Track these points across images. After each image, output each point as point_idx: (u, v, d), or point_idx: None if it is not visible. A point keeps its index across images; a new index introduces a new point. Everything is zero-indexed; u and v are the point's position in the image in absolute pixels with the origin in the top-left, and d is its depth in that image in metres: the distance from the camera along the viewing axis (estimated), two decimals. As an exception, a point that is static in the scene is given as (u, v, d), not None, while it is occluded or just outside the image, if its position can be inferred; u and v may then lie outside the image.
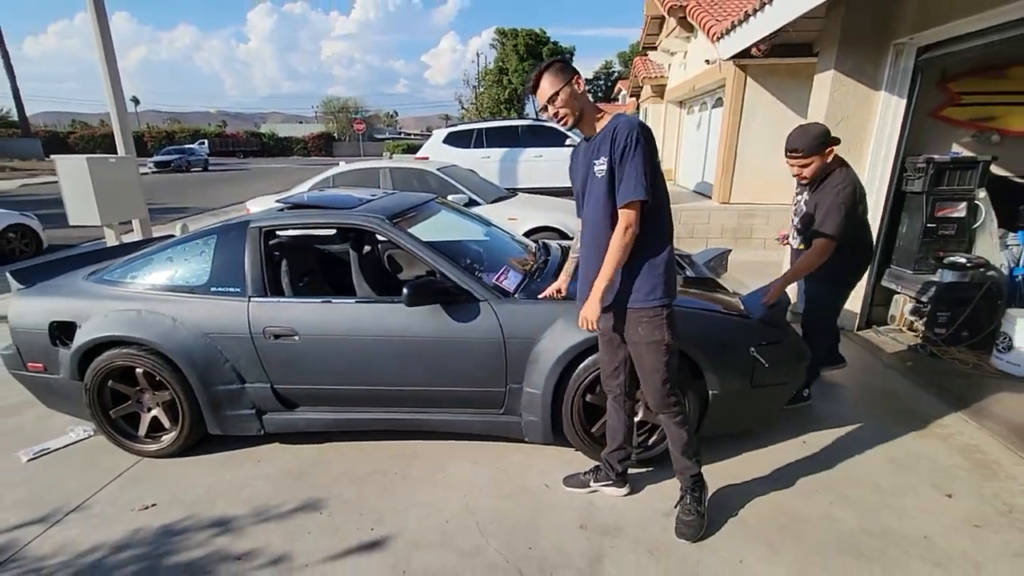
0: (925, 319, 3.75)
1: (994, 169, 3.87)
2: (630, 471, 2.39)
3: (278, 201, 3.00)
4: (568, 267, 2.43)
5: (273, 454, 2.75)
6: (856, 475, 2.43)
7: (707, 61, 7.97)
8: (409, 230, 2.73)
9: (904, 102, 3.67)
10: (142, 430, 2.75)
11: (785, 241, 3.04)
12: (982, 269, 3.65)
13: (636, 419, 2.45)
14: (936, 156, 3.72)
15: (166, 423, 2.73)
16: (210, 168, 28.95)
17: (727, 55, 4.67)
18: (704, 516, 2.10)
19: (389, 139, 45.44)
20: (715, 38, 4.80)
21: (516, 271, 2.78)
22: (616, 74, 37.66)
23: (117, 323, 2.60)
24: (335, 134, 49.47)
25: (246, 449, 2.78)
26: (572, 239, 5.41)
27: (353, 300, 2.58)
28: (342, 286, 3.13)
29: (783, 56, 6.30)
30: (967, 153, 3.95)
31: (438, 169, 5.93)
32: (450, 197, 5.47)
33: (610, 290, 1.88)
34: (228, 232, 2.73)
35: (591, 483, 2.36)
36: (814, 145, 2.51)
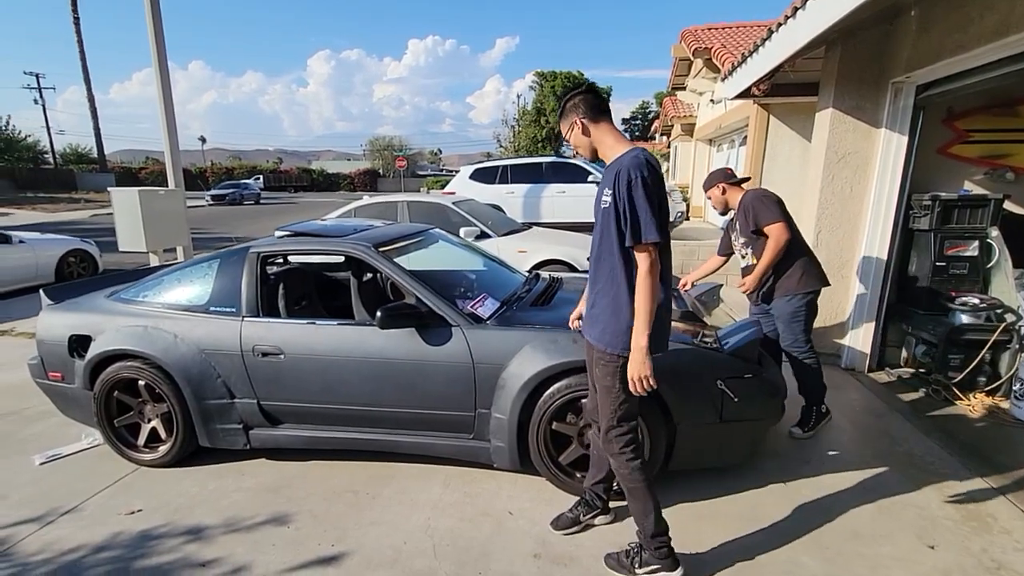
0: (936, 361, 3.57)
1: (1010, 207, 3.72)
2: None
3: (277, 229, 3.22)
4: (586, 293, 2.44)
5: (257, 468, 2.87)
6: (835, 520, 2.32)
7: (712, 101, 8.03)
8: (398, 258, 2.87)
9: (906, 139, 3.61)
10: (141, 440, 2.93)
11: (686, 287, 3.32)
12: (998, 310, 3.48)
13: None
14: (943, 194, 3.62)
15: (163, 434, 2.90)
16: (261, 201, 30.70)
17: (731, 95, 4.74)
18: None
19: (430, 175, 47.04)
20: (721, 79, 4.88)
21: (495, 299, 2.86)
22: (653, 114, 38.08)
23: (125, 337, 2.82)
24: (380, 170, 51.69)
25: (234, 463, 2.91)
26: (580, 272, 5.50)
27: (336, 322, 2.72)
28: (345, 310, 3.29)
29: (804, 94, 6.30)
30: (980, 191, 3.83)
31: (453, 203, 6.16)
32: (462, 230, 5.66)
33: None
34: (229, 256, 2.95)
35: (581, 518, 2.28)
36: (706, 182, 3.18)
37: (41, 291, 3.22)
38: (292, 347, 2.67)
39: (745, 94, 4.56)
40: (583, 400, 2.39)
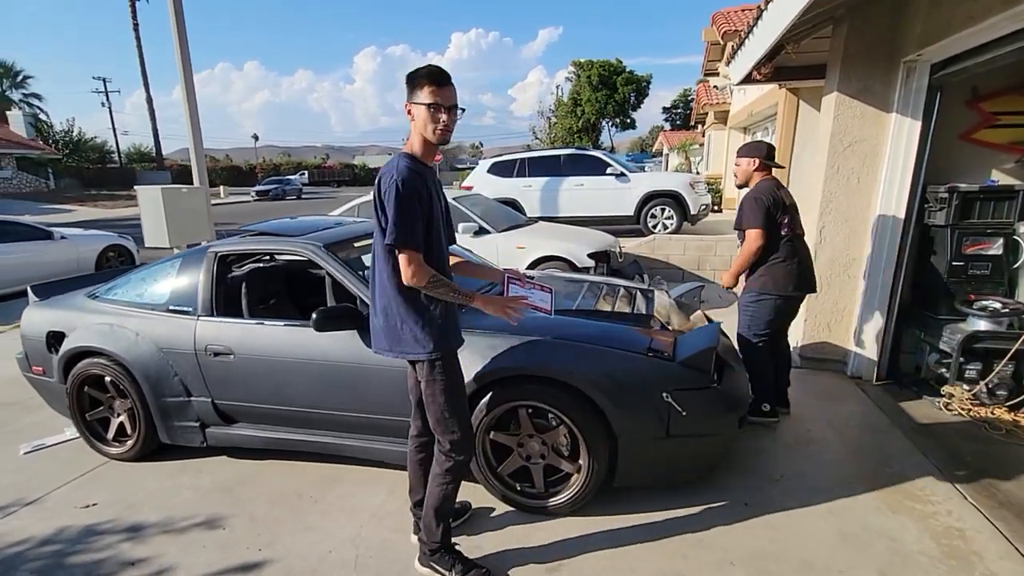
0: (950, 372, 3.21)
1: (1044, 199, 3.29)
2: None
3: (241, 228, 3.23)
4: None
5: (217, 467, 2.90)
6: (790, 548, 2.11)
7: (715, 87, 7.60)
8: (355, 257, 2.83)
9: (919, 124, 3.25)
10: (110, 434, 3.02)
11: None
12: (1023, 316, 3.09)
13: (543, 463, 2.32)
14: (961, 185, 3.24)
15: (128, 429, 2.98)
16: (303, 196, 31.70)
17: (736, 80, 4.41)
18: None
19: (468, 168, 47.37)
20: (725, 63, 4.56)
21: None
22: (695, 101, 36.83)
23: (92, 335, 2.90)
24: (419, 164, 52.31)
25: (196, 460, 2.95)
26: (581, 269, 5.32)
27: (283, 323, 2.69)
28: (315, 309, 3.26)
29: (821, 77, 5.85)
30: (1012, 181, 3.41)
31: (453, 199, 6.07)
32: (460, 226, 5.57)
33: None
34: (190, 256, 2.98)
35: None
36: (744, 149, 3.05)
37: (29, 288, 3.37)
38: (241, 347, 2.67)
39: (749, 79, 4.24)
40: (521, 409, 2.27)
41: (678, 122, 40.29)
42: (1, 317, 6.24)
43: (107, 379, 2.91)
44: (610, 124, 34.84)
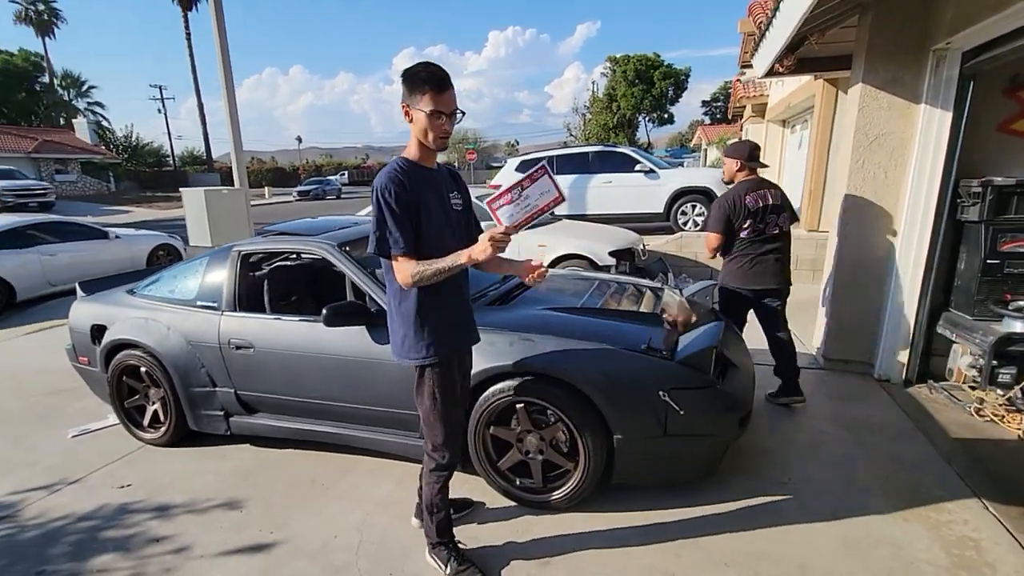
0: (983, 375, 3.05)
1: (1092, 193, 3.07)
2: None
3: (264, 228, 3.39)
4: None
5: (238, 453, 3.07)
6: (788, 551, 2.07)
7: (738, 80, 7.36)
8: (363, 256, 2.93)
9: (950, 115, 3.09)
10: (146, 420, 3.24)
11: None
12: (1065, 318, 2.90)
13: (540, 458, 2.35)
14: (997, 178, 3.07)
15: (161, 416, 3.18)
16: (342, 196, 32.60)
17: (760, 73, 4.29)
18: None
19: (502, 167, 47.57)
20: (750, 56, 4.44)
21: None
22: (737, 94, 35.73)
23: (130, 328, 3.12)
24: (456, 163, 52.99)
25: (220, 447, 3.13)
26: (603, 267, 5.30)
27: (297, 318, 2.82)
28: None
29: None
30: (1056, 174, 3.19)
31: (478, 197, 6.14)
32: (483, 224, 5.62)
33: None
34: (216, 254, 3.15)
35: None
36: (727, 151, 3.20)
37: (77, 284, 3.64)
38: (260, 341, 2.81)
39: (772, 72, 4.12)
40: (519, 405, 2.31)
41: (718, 116, 39.19)
42: (62, 311, 6.72)
43: (142, 369, 3.12)
44: (647, 119, 34.24)
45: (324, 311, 2.48)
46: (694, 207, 8.59)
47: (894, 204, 3.41)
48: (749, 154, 3.07)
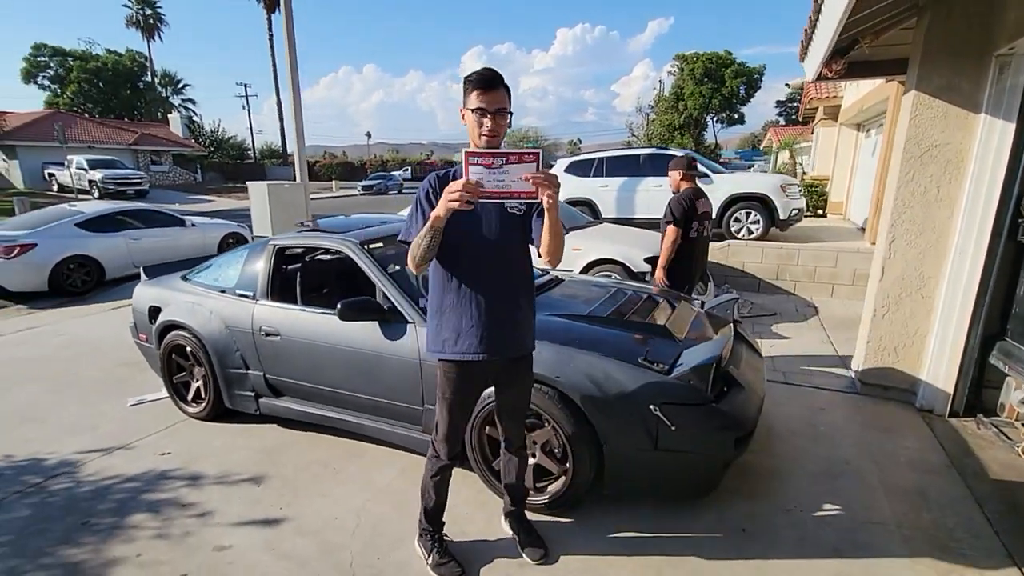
0: (1036, 414, 2.78)
1: None
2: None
3: (299, 224, 3.62)
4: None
5: (266, 432, 3.30)
6: (781, 582, 2.00)
7: (787, 84, 6.91)
8: (386, 254, 3.09)
9: (1013, 126, 2.83)
10: (190, 395, 3.55)
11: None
12: None
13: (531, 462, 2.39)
14: (1065, 197, 2.77)
15: (203, 393, 3.48)
16: (404, 191, 33.63)
17: (810, 77, 4.06)
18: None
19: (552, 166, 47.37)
20: (800, 59, 4.21)
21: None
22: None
23: (179, 311, 3.44)
24: (516, 161, 53.18)
25: (251, 425, 3.38)
26: (637, 274, 5.22)
27: (320, 311, 3.00)
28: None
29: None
30: None
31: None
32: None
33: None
34: (256, 246, 3.41)
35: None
36: (671, 165, 3.82)
37: (141, 268, 4.04)
38: (286, 329, 3.02)
39: (821, 76, 3.89)
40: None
41: (793, 116, 37.10)
42: (139, 291, 7.42)
43: (188, 349, 3.43)
44: (715, 119, 32.97)
45: (339, 305, 2.64)
46: (748, 214, 8.23)
47: (946, 221, 3.16)
48: (687, 165, 3.76)
